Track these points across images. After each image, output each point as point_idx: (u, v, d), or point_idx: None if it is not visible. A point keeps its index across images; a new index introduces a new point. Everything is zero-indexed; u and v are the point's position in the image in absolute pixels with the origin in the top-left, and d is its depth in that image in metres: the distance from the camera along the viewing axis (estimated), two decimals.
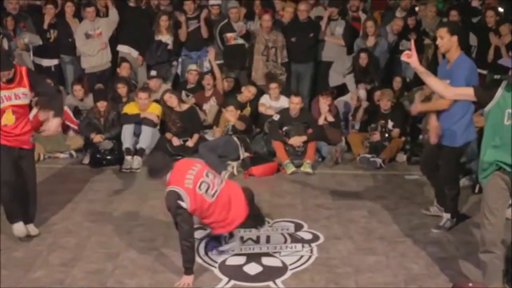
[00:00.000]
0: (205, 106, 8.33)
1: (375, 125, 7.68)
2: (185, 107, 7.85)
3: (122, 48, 8.89)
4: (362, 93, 8.31)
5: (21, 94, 5.07)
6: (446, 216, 5.51)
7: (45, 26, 8.71)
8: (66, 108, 7.76)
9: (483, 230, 4.03)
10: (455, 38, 5.07)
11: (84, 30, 8.64)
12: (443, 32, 5.08)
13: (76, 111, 8.16)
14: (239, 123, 7.58)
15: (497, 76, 8.38)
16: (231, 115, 7.64)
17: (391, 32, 8.88)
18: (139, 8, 8.92)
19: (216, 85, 8.43)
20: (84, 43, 8.65)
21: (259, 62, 8.50)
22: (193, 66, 8.56)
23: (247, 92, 8.09)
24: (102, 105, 7.71)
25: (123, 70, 8.52)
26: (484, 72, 8.25)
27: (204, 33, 8.74)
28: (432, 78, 4.19)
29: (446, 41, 5.08)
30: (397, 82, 8.47)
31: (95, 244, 5.13)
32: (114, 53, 8.94)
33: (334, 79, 8.73)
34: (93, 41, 8.65)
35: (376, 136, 7.60)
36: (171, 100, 7.76)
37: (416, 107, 5.82)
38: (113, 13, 8.72)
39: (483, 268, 4.10)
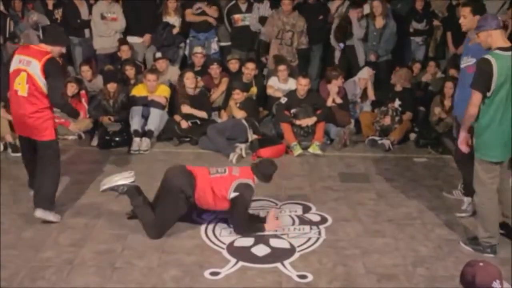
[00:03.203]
0: (213, 91, 8.29)
1: (386, 109, 7.63)
2: (197, 91, 7.81)
3: (133, 40, 8.85)
4: (369, 71, 8.26)
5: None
6: (468, 200, 5.44)
7: (50, 7, 8.70)
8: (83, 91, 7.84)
9: None
10: (477, 18, 5.00)
11: (99, 11, 8.64)
12: (466, 11, 5.12)
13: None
14: (240, 112, 7.56)
15: None
16: (238, 98, 7.64)
17: None
18: None
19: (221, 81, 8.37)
20: (98, 24, 8.64)
21: (272, 45, 8.43)
22: (198, 49, 8.46)
23: (246, 70, 8.07)
24: (112, 86, 7.69)
25: (123, 53, 8.53)
26: None
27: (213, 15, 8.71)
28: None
29: (469, 20, 5.10)
30: (416, 68, 8.47)
31: (104, 225, 5.16)
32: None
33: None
34: (106, 24, 8.64)
35: (387, 120, 7.56)
36: (190, 81, 7.70)
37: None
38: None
39: None
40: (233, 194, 4.85)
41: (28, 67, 5.09)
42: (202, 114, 7.69)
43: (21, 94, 5.13)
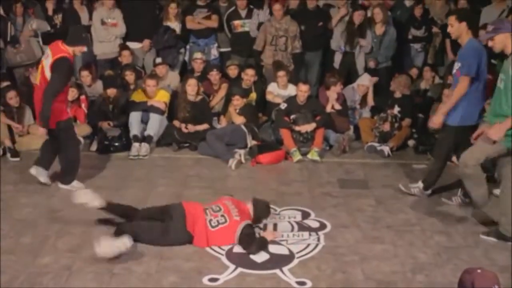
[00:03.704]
0: (213, 97, 8.29)
1: (385, 115, 7.64)
2: (198, 98, 7.80)
3: (132, 45, 8.85)
4: (366, 79, 8.27)
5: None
6: (420, 184, 5.92)
7: (50, 13, 8.72)
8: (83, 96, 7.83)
9: None
10: (463, 24, 5.33)
11: (100, 17, 8.65)
12: (452, 19, 5.37)
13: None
14: (239, 118, 7.56)
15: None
16: (237, 104, 7.64)
17: None
18: None
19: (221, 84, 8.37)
20: (99, 29, 8.64)
21: (267, 52, 8.43)
22: (198, 55, 8.47)
23: (246, 76, 8.07)
24: (112, 92, 7.69)
25: (124, 58, 8.53)
26: (494, 62, 8.16)
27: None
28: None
29: (456, 28, 5.34)
30: (413, 73, 8.50)
31: (103, 230, 5.13)
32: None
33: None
34: (107, 29, 8.66)
35: (386, 126, 7.56)
36: (192, 88, 7.69)
37: (437, 120, 5.63)
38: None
39: None
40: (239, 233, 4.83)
41: (45, 60, 5.70)
42: (204, 126, 7.69)
43: (36, 82, 5.91)
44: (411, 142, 7.64)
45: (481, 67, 5.32)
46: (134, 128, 7.48)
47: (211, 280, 4.37)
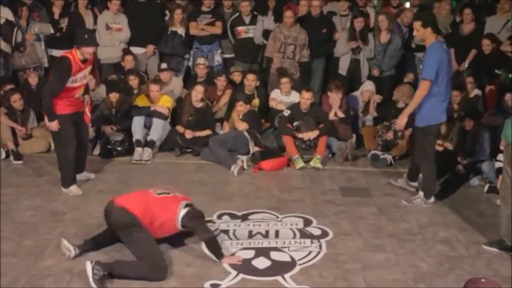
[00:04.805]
0: (216, 102, 8.30)
1: (389, 124, 7.62)
2: (201, 104, 7.80)
3: (136, 50, 8.86)
4: (370, 84, 8.28)
5: (87, 73, 6.04)
6: (420, 194, 6.01)
7: (56, 17, 8.74)
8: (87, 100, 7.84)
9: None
10: (428, 30, 5.59)
11: (104, 21, 8.67)
12: (417, 25, 5.63)
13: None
14: (242, 124, 7.57)
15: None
16: (241, 110, 7.65)
17: (402, 24, 8.83)
18: (148, 3, 8.93)
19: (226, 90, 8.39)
20: (103, 34, 8.67)
21: (275, 59, 8.43)
22: (201, 60, 8.46)
23: (247, 81, 8.08)
24: (114, 96, 7.68)
25: (127, 63, 8.53)
26: (499, 72, 8.17)
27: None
28: None
29: (421, 33, 5.63)
30: (408, 79, 8.47)
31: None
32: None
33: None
34: (111, 34, 8.68)
35: (390, 135, 7.55)
36: (197, 93, 7.70)
37: (401, 122, 5.88)
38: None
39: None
40: (184, 210, 4.71)
41: None
42: (207, 132, 7.69)
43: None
44: None
45: (441, 69, 5.52)
46: (137, 132, 7.49)
47: (213, 286, 4.37)
